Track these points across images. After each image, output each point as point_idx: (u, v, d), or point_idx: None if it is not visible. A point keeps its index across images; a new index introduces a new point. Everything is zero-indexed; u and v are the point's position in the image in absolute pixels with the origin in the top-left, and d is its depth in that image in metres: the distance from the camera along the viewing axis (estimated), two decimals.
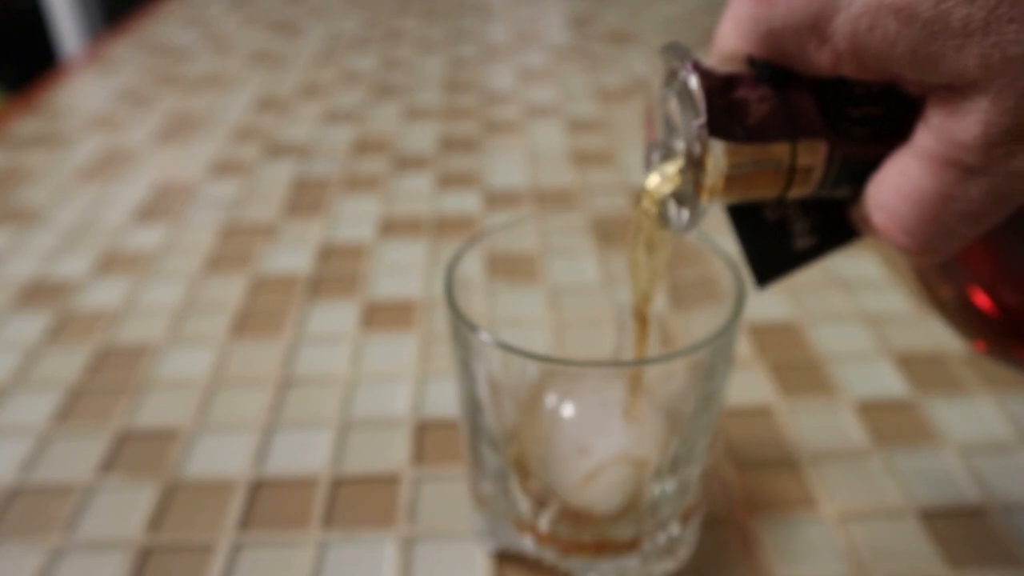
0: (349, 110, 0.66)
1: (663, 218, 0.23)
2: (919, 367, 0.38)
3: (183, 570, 0.29)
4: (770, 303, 0.42)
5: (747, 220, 0.23)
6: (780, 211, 0.23)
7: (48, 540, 0.30)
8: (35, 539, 0.30)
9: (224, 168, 0.57)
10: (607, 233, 0.30)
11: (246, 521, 0.31)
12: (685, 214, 0.22)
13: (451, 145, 0.60)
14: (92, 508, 0.31)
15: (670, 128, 0.22)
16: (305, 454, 0.34)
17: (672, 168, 0.22)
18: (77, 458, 0.34)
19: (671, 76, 0.21)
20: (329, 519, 0.31)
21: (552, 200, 0.52)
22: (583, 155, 0.58)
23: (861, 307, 0.42)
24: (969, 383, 0.37)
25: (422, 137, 0.61)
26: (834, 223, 0.22)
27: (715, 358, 0.25)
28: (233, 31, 0.85)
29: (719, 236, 0.46)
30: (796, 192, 0.21)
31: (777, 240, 0.23)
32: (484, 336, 0.24)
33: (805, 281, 0.44)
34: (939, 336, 0.39)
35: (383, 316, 0.42)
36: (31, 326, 0.42)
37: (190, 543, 0.30)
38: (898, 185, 0.19)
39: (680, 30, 0.21)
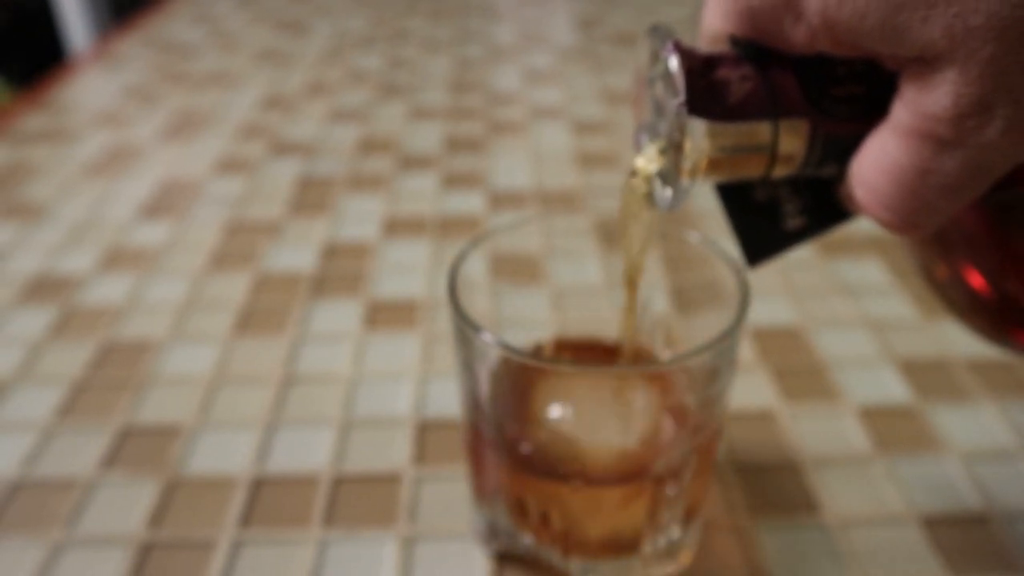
0: (354, 109, 0.66)
1: (649, 197, 0.23)
2: (922, 373, 0.38)
3: (184, 566, 0.29)
4: (773, 308, 0.42)
5: (737, 200, 0.23)
6: (770, 191, 0.22)
7: (49, 535, 0.30)
8: (36, 534, 0.30)
9: (229, 166, 0.57)
10: (611, 235, 0.30)
11: (247, 518, 0.31)
12: (668, 193, 0.22)
13: (456, 145, 0.60)
14: (93, 503, 0.31)
15: (658, 110, 0.22)
16: (306, 452, 0.34)
17: (658, 148, 0.22)
18: (79, 453, 0.34)
19: (656, 58, 0.21)
20: (330, 517, 0.31)
21: (556, 201, 0.52)
22: (588, 157, 0.58)
23: (864, 312, 0.42)
24: (972, 390, 0.36)
25: (427, 137, 0.61)
26: (824, 203, 0.22)
27: (718, 362, 0.24)
28: (240, 29, 0.86)
29: (722, 239, 0.46)
30: (780, 171, 0.21)
31: (767, 221, 0.23)
32: (487, 337, 0.24)
33: (808, 286, 0.44)
34: (942, 342, 0.39)
35: (386, 315, 0.42)
36: (35, 321, 0.42)
37: (191, 540, 0.30)
38: (877, 161, 0.19)
39: (687, 32, 0.21)
